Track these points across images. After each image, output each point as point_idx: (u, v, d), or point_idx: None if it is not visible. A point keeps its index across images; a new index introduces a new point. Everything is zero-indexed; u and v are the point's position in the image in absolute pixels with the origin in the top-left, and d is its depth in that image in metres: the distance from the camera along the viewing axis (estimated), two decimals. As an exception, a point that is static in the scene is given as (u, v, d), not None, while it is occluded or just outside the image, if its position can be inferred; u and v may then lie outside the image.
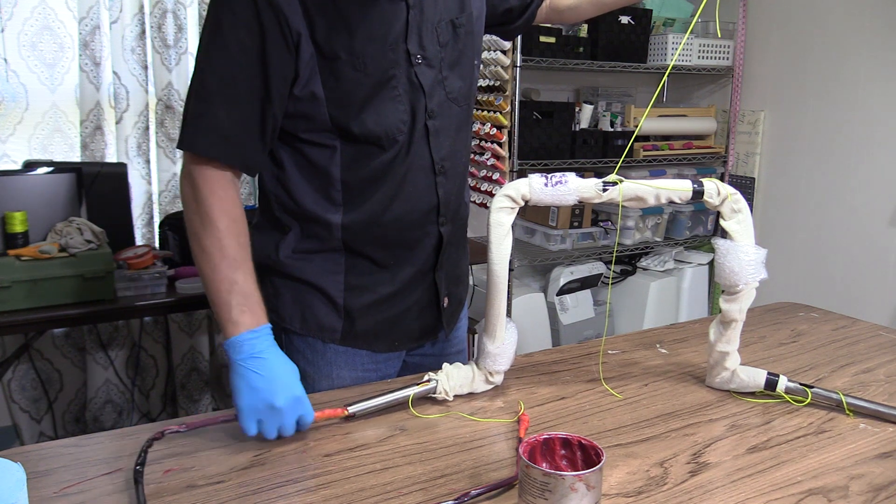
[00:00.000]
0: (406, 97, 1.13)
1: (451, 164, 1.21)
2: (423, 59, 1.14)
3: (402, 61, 1.12)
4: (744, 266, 1.08)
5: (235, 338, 0.99)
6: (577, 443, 0.85)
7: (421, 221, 1.20)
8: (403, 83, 1.12)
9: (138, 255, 2.03)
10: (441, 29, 1.16)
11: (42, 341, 2.38)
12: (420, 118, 1.15)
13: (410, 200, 1.18)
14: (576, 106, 2.88)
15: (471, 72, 1.22)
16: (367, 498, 0.85)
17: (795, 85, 2.87)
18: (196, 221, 1.04)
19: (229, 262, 1.02)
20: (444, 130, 1.19)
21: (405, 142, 1.14)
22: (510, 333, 1.13)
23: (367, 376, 1.24)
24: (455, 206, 1.25)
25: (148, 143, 2.41)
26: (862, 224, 2.67)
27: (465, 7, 1.20)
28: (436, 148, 1.18)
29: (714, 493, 0.87)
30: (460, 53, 1.19)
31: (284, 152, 1.14)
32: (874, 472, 0.93)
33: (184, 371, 2.63)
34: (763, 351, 1.36)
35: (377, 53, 1.09)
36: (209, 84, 1.04)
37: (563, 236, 2.88)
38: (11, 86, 2.22)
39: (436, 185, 1.19)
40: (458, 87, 1.20)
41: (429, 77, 1.15)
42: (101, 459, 0.93)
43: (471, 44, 1.21)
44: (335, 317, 1.20)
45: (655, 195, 1.07)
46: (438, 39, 1.15)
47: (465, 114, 1.23)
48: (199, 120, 1.04)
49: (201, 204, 1.03)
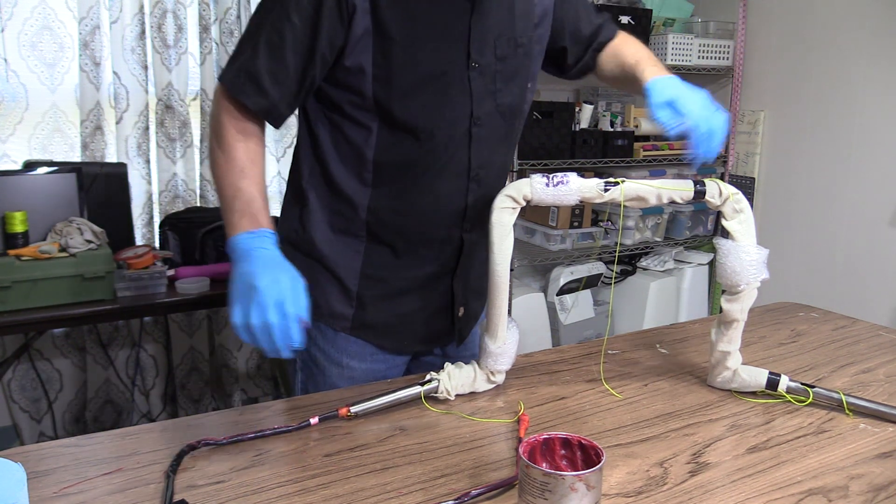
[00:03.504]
0: (454, 97, 1.14)
1: (486, 174, 1.21)
2: (478, 66, 1.14)
3: (460, 62, 1.13)
4: (745, 266, 1.08)
5: (231, 239, 1.02)
6: (577, 443, 0.85)
7: (446, 223, 1.21)
8: (455, 83, 1.13)
9: (138, 255, 2.03)
10: (501, 42, 1.16)
11: (42, 341, 2.38)
12: (463, 121, 1.16)
13: (439, 199, 1.18)
14: (576, 106, 2.88)
15: (522, 90, 1.23)
16: (367, 498, 0.85)
17: (795, 85, 2.86)
18: (213, 140, 1.11)
19: (237, 171, 1.07)
20: (487, 140, 1.19)
21: (444, 140, 1.15)
22: (511, 333, 1.13)
23: (376, 367, 1.25)
24: (484, 215, 1.25)
25: (148, 143, 2.40)
26: (862, 224, 2.67)
27: (527, 31, 1.20)
28: (476, 154, 1.18)
29: (714, 493, 0.87)
30: (515, 71, 1.20)
31: (323, 126, 1.17)
32: (874, 472, 0.93)
33: (184, 371, 2.62)
34: (763, 351, 1.36)
35: (432, 45, 1.10)
36: (259, 32, 1.08)
37: (563, 236, 2.88)
38: (11, 86, 2.22)
39: (467, 190, 1.20)
40: (508, 102, 1.20)
41: (480, 84, 1.15)
42: (101, 459, 0.92)
43: (527, 64, 1.22)
44: (347, 304, 1.21)
45: (657, 195, 1.07)
46: (496, 52, 1.16)
47: (510, 129, 1.24)
48: (241, 62, 1.09)
49: (220, 125, 1.10)
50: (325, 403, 1.09)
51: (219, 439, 0.96)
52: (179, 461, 0.91)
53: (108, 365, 2.48)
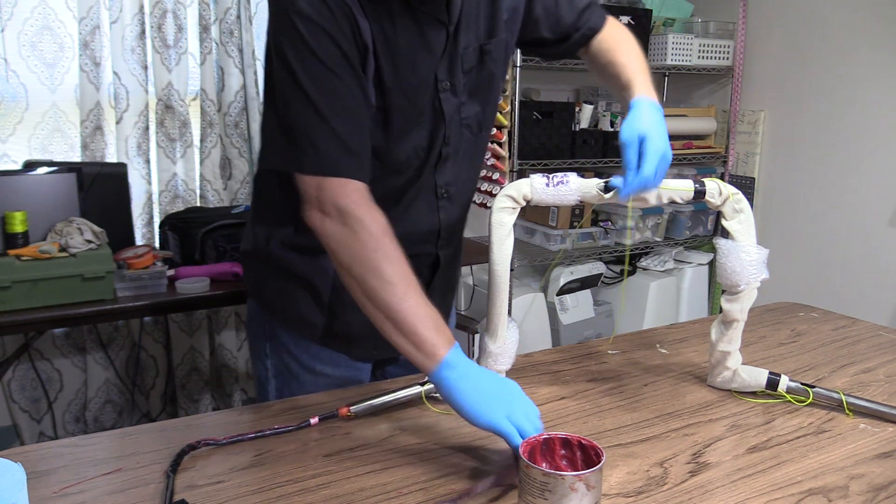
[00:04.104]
0: (428, 124, 1.11)
1: (455, 191, 1.19)
2: (449, 86, 1.10)
3: (430, 87, 1.09)
4: (745, 266, 1.08)
5: (449, 356, 0.90)
6: (577, 443, 0.85)
7: (421, 242, 1.19)
8: (428, 109, 1.10)
9: (138, 255, 2.03)
10: (468, 55, 1.11)
11: (42, 341, 2.38)
12: (437, 145, 1.13)
13: (413, 222, 1.16)
14: (576, 106, 2.88)
15: (488, 98, 1.18)
16: (367, 498, 0.85)
17: (795, 85, 2.86)
18: (360, 252, 0.94)
19: (414, 286, 0.94)
20: (454, 156, 1.16)
21: (419, 167, 1.13)
22: (511, 333, 1.12)
23: (350, 374, 1.23)
24: (457, 230, 1.24)
25: (148, 143, 2.40)
26: (862, 224, 2.67)
27: (496, 33, 1.14)
28: (440, 173, 1.16)
29: (714, 493, 0.87)
30: (482, 80, 1.15)
31: None
32: (874, 472, 0.93)
33: (184, 371, 2.62)
34: (763, 351, 1.36)
35: (416, 80, 1.07)
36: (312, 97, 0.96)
37: (563, 236, 2.88)
38: (11, 86, 2.22)
39: (438, 208, 1.18)
40: (473, 114, 1.16)
41: (451, 104, 1.12)
42: (101, 459, 0.92)
43: (494, 71, 1.16)
44: (318, 313, 1.19)
45: (657, 195, 1.07)
46: (463, 66, 1.11)
47: (477, 141, 1.20)
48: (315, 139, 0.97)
49: (361, 229, 0.94)
50: (325, 403, 1.09)
51: (219, 439, 0.96)
52: (179, 461, 0.91)
53: (108, 365, 2.48)
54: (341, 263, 0.97)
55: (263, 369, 1.26)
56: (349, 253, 0.95)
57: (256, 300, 1.26)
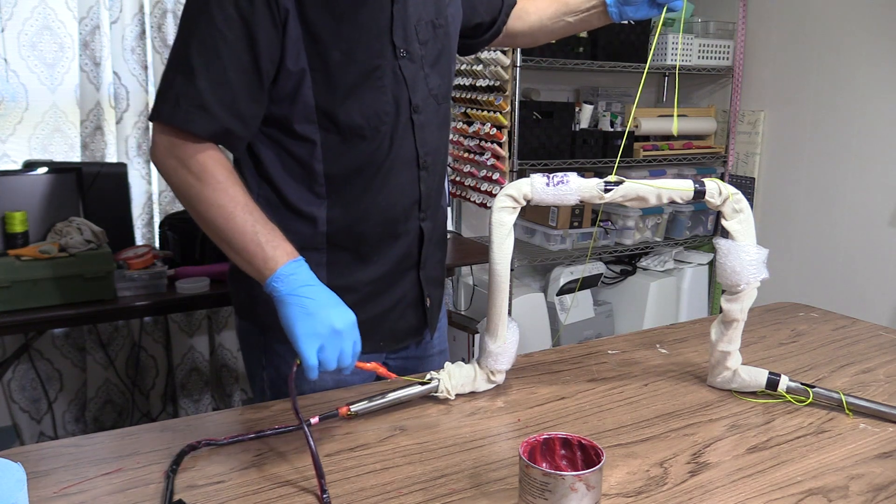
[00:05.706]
0: (390, 89, 1.14)
1: (432, 160, 1.23)
2: (406, 54, 1.16)
3: (388, 53, 1.14)
4: (745, 266, 1.08)
5: (280, 270, 0.97)
6: (577, 443, 0.85)
7: (404, 215, 1.21)
8: (388, 75, 1.14)
9: (138, 255, 2.03)
10: (421, 28, 1.18)
11: (42, 341, 2.38)
12: (404, 111, 1.17)
13: (394, 194, 1.19)
14: (576, 106, 2.88)
15: (448, 71, 1.26)
16: (367, 498, 0.85)
17: (795, 85, 2.86)
18: (191, 182, 1.01)
19: (242, 206, 1.00)
20: (428, 126, 1.21)
21: (389, 134, 1.16)
22: (512, 333, 1.13)
23: (349, 379, 1.21)
24: (435, 202, 1.27)
25: (148, 143, 2.40)
26: (862, 224, 2.67)
27: (442, 11, 1.23)
28: (421, 142, 1.20)
29: (714, 493, 0.87)
30: (439, 53, 1.22)
31: (265, 147, 1.14)
32: (874, 472, 0.93)
33: (184, 371, 2.62)
34: (763, 351, 1.36)
35: (363, 41, 1.11)
36: (192, 56, 1.01)
37: (563, 236, 2.88)
38: (11, 86, 2.22)
39: (419, 179, 1.21)
40: (438, 85, 1.22)
41: (411, 71, 1.17)
42: (101, 459, 0.92)
43: (448, 45, 1.25)
44: None
45: (657, 195, 1.07)
46: (418, 37, 1.18)
47: (445, 111, 1.27)
48: (180, 92, 1.01)
49: (193, 165, 1.01)
50: (325, 403, 1.09)
51: (219, 439, 0.96)
52: (179, 461, 0.91)
53: (108, 365, 2.48)
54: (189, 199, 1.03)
55: (260, 380, 1.26)
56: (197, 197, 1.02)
57: (250, 322, 1.25)
